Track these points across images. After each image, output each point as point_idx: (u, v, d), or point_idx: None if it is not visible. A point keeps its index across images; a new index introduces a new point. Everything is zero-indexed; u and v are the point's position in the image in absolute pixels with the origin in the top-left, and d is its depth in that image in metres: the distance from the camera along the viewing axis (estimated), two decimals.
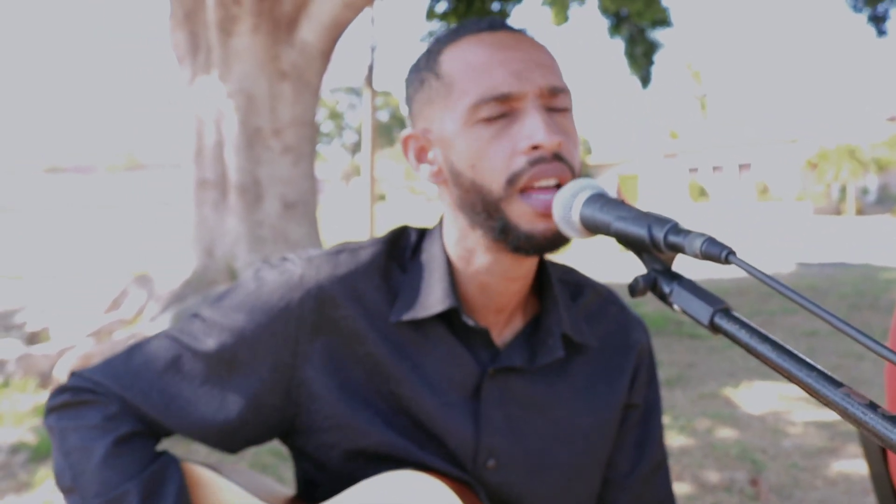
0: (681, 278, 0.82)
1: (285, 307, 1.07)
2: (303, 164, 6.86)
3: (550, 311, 1.14)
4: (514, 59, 1.01)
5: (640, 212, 0.86)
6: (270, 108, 6.60)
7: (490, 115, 0.99)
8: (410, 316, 1.07)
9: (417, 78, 1.08)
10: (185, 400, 1.07)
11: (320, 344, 1.07)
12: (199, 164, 6.75)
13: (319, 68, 6.82)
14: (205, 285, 6.38)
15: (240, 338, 1.07)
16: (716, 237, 0.75)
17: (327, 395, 1.07)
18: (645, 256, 0.85)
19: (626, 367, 1.21)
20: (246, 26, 6.38)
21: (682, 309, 0.79)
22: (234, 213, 6.58)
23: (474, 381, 1.10)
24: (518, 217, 1.00)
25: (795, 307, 9.14)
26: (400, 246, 1.15)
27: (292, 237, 6.72)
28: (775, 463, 4.25)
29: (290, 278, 1.09)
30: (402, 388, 1.08)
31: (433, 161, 1.07)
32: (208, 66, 6.66)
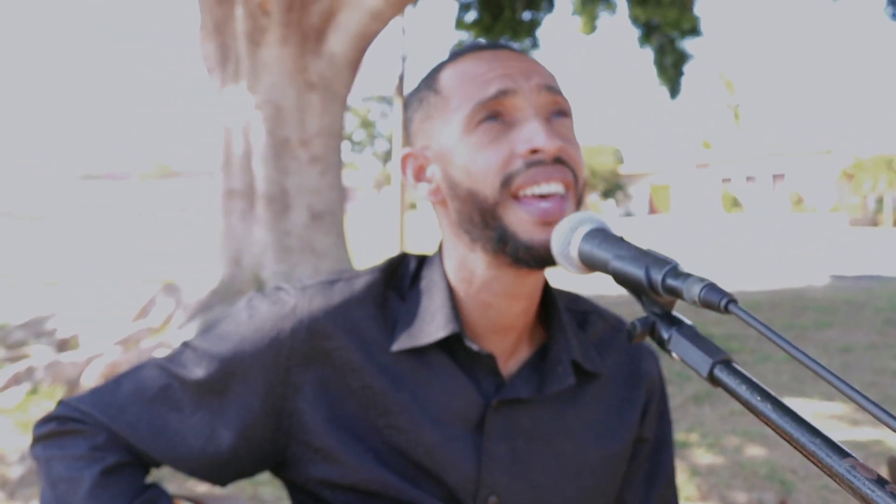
0: (680, 324, 0.78)
1: (276, 337, 1.05)
2: (330, 175, 6.87)
3: (558, 338, 1.10)
4: (509, 66, 1.01)
5: (639, 251, 0.81)
6: (298, 119, 6.61)
7: (487, 117, 0.98)
8: (410, 344, 1.04)
9: (416, 98, 1.08)
10: (173, 431, 1.05)
11: (312, 375, 1.05)
12: (227, 174, 6.78)
13: (347, 79, 6.82)
14: (231, 295, 6.40)
15: (230, 367, 1.05)
16: (716, 283, 0.71)
17: (318, 427, 1.04)
18: (643, 298, 0.80)
19: (636, 399, 1.17)
20: (274, 37, 6.40)
21: (681, 358, 0.75)
22: (261, 222, 6.59)
23: (477, 413, 1.06)
24: (516, 225, 0.97)
25: (830, 321, 8.97)
26: (398, 274, 1.13)
27: (319, 247, 6.72)
28: (805, 484, 4.16)
29: (283, 308, 1.07)
30: (400, 421, 1.04)
31: (431, 178, 1.06)
32: (237, 76, 6.69)
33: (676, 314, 0.79)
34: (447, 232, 1.08)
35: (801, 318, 9.22)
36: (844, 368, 6.79)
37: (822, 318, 9.27)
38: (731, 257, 18.91)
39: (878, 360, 7.03)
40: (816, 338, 8.10)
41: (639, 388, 1.18)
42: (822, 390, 6.06)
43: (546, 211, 0.96)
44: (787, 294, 11.63)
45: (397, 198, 19.76)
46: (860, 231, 30.77)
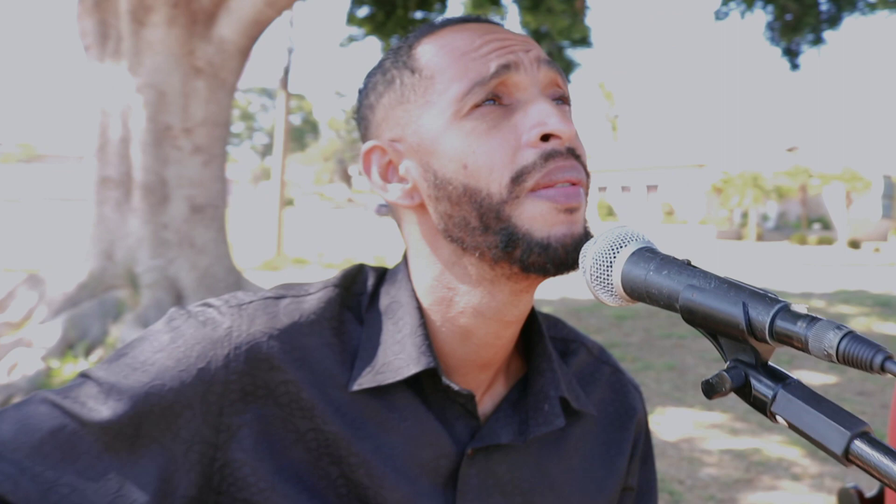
0: (786, 379, 0.60)
1: (206, 368, 0.82)
2: (213, 166, 6.55)
3: (544, 370, 0.92)
4: (504, 37, 0.84)
5: (723, 280, 0.63)
6: (182, 106, 6.26)
7: (485, 99, 0.81)
8: (374, 382, 0.84)
9: (382, 80, 0.88)
10: (68, 488, 0.78)
11: (251, 416, 0.83)
12: (101, 160, 6.35)
13: (236, 67, 6.52)
14: (101, 289, 6.00)
15: (145, 407, 0.80)
16: (855, 331, 0.54)
17: (259, 481, 0.82)
18: (724, 341, 0.63)
19: (624, 441, 1.01)
20: (160, 17, 6.04)
21: (793, 425, 0.58)
22: (137, 213, 6.21)
23: (449, 463, 0.87)
24: (530, 221, 0.79)
25: None
26: (354, 292, 0.92)
27: (199, 242, 6.39)
28: (692, 494, 4.20)
29: (215, 331, 0.84)
30: (359, 475, 0.84)
31: (405, 177, 0.86)
32: (118, 56, 6.28)
33: (775, 366, 0.61)
34: (420, 242, 0.88)
35: (678, 328, 9.46)
36: None
37: None
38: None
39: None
40: (693, 347, 8.32)
41: (627, 428, 1.02)
42: (702, 400, 6.19)
43: (567, 194, 0.79)
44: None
45: (276, 193, 19.34)
46: (726, 244, 32.22)
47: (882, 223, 37.34)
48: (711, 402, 6.14)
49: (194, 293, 6.13)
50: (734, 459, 4.79)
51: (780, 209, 40.65)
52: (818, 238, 33.50)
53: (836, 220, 37.65)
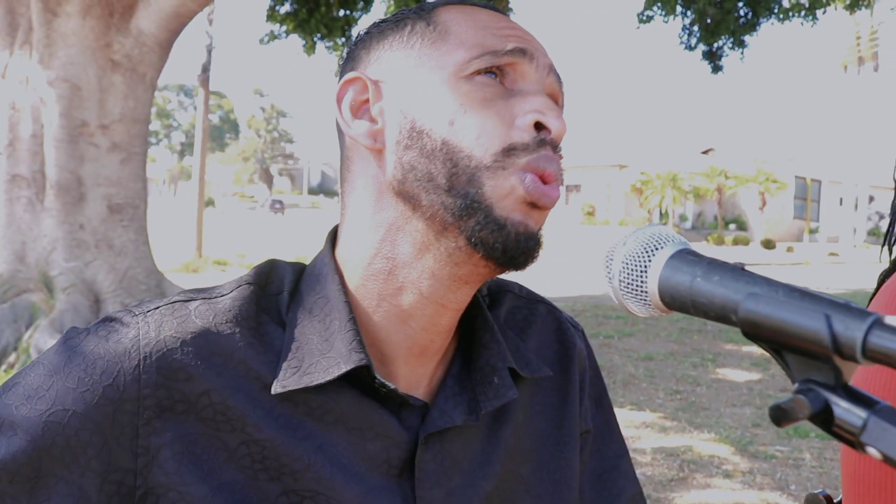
0: (876, 405, 0.50)
1: (113, 384, 0.72)
2: (132, 164, 6.29)
3: (488, 342, 0.86)
4: (525, 33, 0.81)
5: (794, 289, 0.55)
6: (98, 101, 6.00)
7: (489, 69, 0.77)
8: (301, 384, 0.75)
9: (392, 22, 0.83)
10: None
11: (171, 435, 0.73)
12: (11, 158, 6.04)
13: (156, 61, 6.28)
14: (13, 294, 5.70)
15: (44, 439, 0.70)
16: None
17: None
18: (792, 358, 0.55)
19: (570, 386, 0.94)
20: (74, 7, 5.76)
21: (888, 457, 0.49)
22: (51, 214, 5.92)
23: (402, 453, 0.80)
24: (496, 193, 0.74)
25: (631, 330, 9.38)
26: (270, 291, 0.83)
27: (117, 243, 6.13)
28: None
29: (119, 343, 0.74)
30: (304, 482, 0.75)
31: (375, 119, 0.79)
32: (28, 48, 5.97)
33: (856, 388, 0.52)
34: (368, 199, 0.81)
35: (604, 327, 9.56)
36: (650, 376, 7.06)
37: (624, 327, 9.67)
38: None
39: (679, 367, 7.38)
40: (620, 346, 8.41)
41: (570, 370, 0.95)
42: (631, 399, 6.24)
43: (541, 191, 0.74)
44: (586, 302, 12.08)
45: (196, 193, 18.90)
46: None
47: (794, 223, 38.69)
48: (641, 401, 6.19)
49: (113, 296, 5.88)
50: (667, 458, 4.81)
51: (697, 209, 41.73)
52: (734, 238, 34.53)
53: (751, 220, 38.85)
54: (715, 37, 10.82)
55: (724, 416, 5.81)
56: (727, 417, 5.79)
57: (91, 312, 5.75)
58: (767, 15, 10.89)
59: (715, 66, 11.05)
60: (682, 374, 7.12)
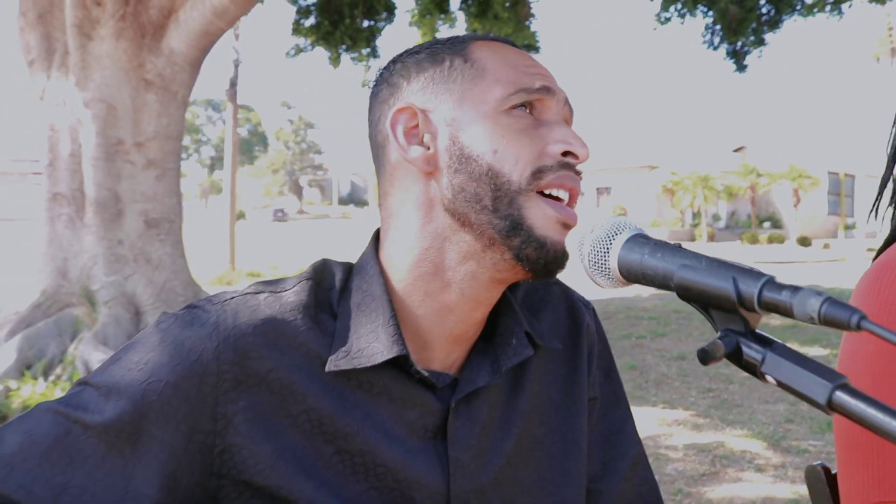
0: (774, 344, 0.66)
1: (198, 361, 0.87)
2: (167, 180, 6.46)
3: (506, 312, 1.01)
4: (546, 71, 0.97)
5: (713, 259, 0.71)
6: (133, 120, 6.17)
7: (522, 105, 0.92)
8: (350, 365, 0.90)
9: (430, 57, 0.96)
10: (79, 489, 0.84)
11: (244, 404, 0.88)
12: (51, 177, 6.23)
13: (187, 79, 6.45)
14: (57, 308, 5.87)
15: (143, 404, 0.86)
16: (833, 296, 0.61)
17: (258, 463, 0.88)
18: (716, 314, 0.70)
19: (580, 357, 1.08)
20: (108, 30, 5.94)
21: (782, 383, 0.64)
22: (91, 230, 6.10)
23: (436, 420, 0.95)
24: (534, 217, 0.89)
25: (664, 330, 9.38)
26: (324, 287, 0.97)
27: (155, 257, 6.30)
28: (661, 490, 4.25)
29: (202, 328, 0.89)
30: (354, 443, 0.90)
31: (427, 144, 0.93)
32: (64, 71, 6.17)
33: (762, 332, 0.68)
34: (417, 213, 0.94)
35: (636, 328, 9.58)
36: (682, 375, 7.08)
37: (657, 327, 9.68)
38: None
39: (712, 366, 7.37)
40: (653, 346, 8.43)
41: (580, 344, 1.09)
42: (664, 398, 6.27)
43: (569, 213, 0.90)
44: (619, 304, 12.10)
45: (227, 206, 19.16)
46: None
47: (829, 219, 38.18)
48: (673, 399, 6.22)
49: (152, 308, 6.04)
50: (699, 454, 4.86)
51: (730, 209, 41.34)
52: (769, 236, 34.14)
53: (785, 217, 38.42)
54: (738, 35, 10.78)
55: (756, 413, 5.82)
56: (760, 414, 5.80)
57: (132, 324, 5.92)
58: (790, 12, 10.83)
59: (739, 64, 10.99)
60: (715, 372, 7.14)
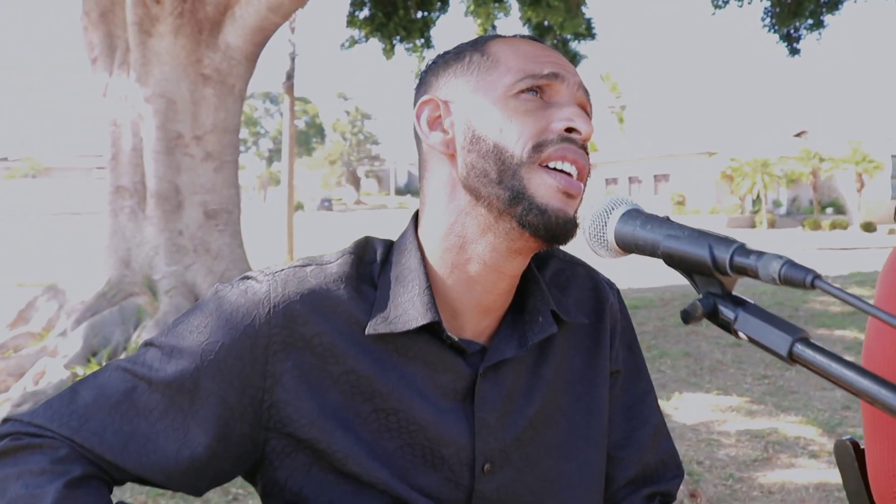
0: (746, 304, 0.74)
1: (251, 325, 0.98)
2: (225, 172, 6.63)
3: (534, 291, 1.09)
4: (560, 59, 1.04)
5: (694, 230, 0.79)
6: (192, 114, 6.35)
7: (531, 88, 0.99)
8: (387, 329, 0.99)
9: (454, 55, 1.06)
10: (144, 437, 0.96)
11: (292, 363, 0.99)
12: (114, 171, 6.45)
13: (244, 73, 6.59)
14: (121, 297, 6.08)
15: (202, 362, 0.97)
16: (794, 259, 0.68)
17: (301, 418, 0.98)
18: (698, 279, 0.78)
19: (602, 333, 1.16)
20: (167, 27, 6.12)
21: (751, 338, 0.72)
22: (152, 222, 6.30)
23: (465, 384, 1.03)
24: (536, 186, 0.96)
25: None
26: (366, 261, 1.07)
27: (214, 247, 6.47)
28: (711, 474, 4.25)
29: (255, 295, 1.00)
30: (390, 403, 1.00)
31: (447, 130, 1.03)
32: (126, 67, 6.37)
33: (737, 295, 0.76)
34: (443, 192, 1.04)
35: None
36: (737, 362, 7.02)
37: None
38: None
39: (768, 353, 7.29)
40: (708, 334, 8.36)
41: (603, 321, 1.17)
42: (718, 384, 6.24)
43: (569, 182, 0.96)
44: (676, 292, 12.00)
45: (285, 198, 19.43)
46: (738, 232, 32.16)
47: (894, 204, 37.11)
48: (728, 385, 6.18)
49: None
50: (751, 440, 4.83)
51: (791, 195, 40.48)
52: (831, 222, 33.37)
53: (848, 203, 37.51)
54: (796, 18, 10.56)
55: (812, 400, 5.76)
56: (816, 401, 5.73)
57: None
58: None
59: (792, 48, 10.77)
60: (771, 359, 7.05)
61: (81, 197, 45.82)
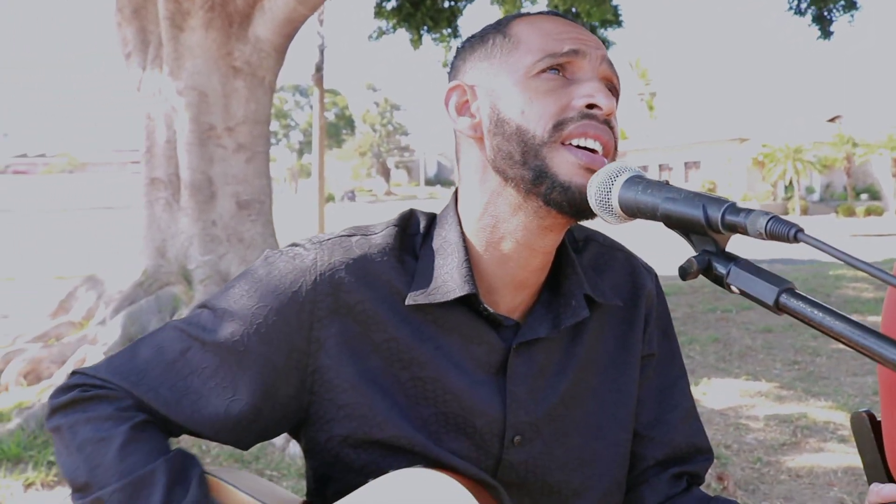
0: (737, 259, 0.80)
1: (298, 291, 1.03)
2: (257, 162, 6.72)
3: (570, 274, 1.12)
4: (582, 33, 1.05)
5: (690, 192, 0.85)
6: (223, 106, 6.44)
7: (551, 68, 1.01)
8: (427, 300, 1.04)
9: (479, 38, 1.10)
10: (196, 394, 1.03)
11: (336, 329, 1.04)
12: (149, 163, 6.57)
13: (273, 65, 6.68)
14: (157, 287, 6.21)
15: (251, 325, 1.03)
16: (778, 215, 0.73)
17: (342, 383, 1.04)
18: (694, 238, 0.83)
19: (637, 317, 1.19)
20: (198, 21, 6.22)
21: (742, 290, 0.78)
22: (186, 212, 6.41)
23: (499, 357, 1.08)
24: (558, 165, 0.99)
25: (749, 304, 9.23)
26: (409, 233, 1.12)
27: (247, 237, 6.57)
28: (739, 458, 4.28)
29: (302, 262, 1.05)
30: (427, 371, 1.05)
31: (475, 114, 1.06)
32: (159, 62, 6.48)
33: (729, 251, 0.82)
34: (476, 174, 1.08)
35: (721, 302, 9.48)
36: (767, 348, 7.01)
37: (742, 301, 9.54)
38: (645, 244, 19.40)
39: (798, 339, 7.28)
40: (738, 320, 8.34)
41: (638, 305, 1.20)
42: (747, 370, 6.24)
43: (592, 158, 0.99)
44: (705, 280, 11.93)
45: (316, 190, 19.56)
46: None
47: None
48: (757, 371, 6.18)
49: None
50: (780, 425, 4.84)
51: (825, 181, 39.93)
52: (866, 209, 32.88)
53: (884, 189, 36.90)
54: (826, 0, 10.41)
55: (843, 385, 5.74)
56: (847, 386, 5.72)
57: None
58: None
59: (825, 31, 10.58)
60: (802, 345, 7.04)
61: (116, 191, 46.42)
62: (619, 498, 1.18)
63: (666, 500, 1.19)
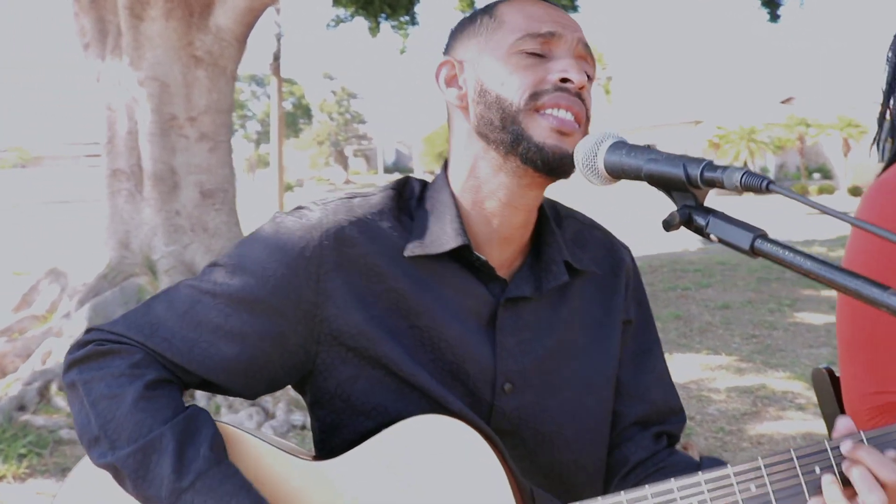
0: (714, 211, 0.89)
1: (306, 246, 1.11)
2: (219, 152, 6.72)
3: (550, 242, 1.23)
4: (562, 17, 1.16)
5: (670, 154, 0.93)
6: (185, 96, 6.42)
7: (531, 49, 1.12)
8: (423, 251, 1.14)
9: (469, 19, 1.21)
10: (207, 342, 1.09)
11: (341, 281, 1.12)
12: (110, 154, 6.52)
13: (234, 54, 6.66)
14: (122, 278, 6.19)
15: (261, 279, 1.11)
16: (751, 170, 0.82)
17: (350, 329, 1.12)
18: (675, 195, 0.92)
19: (617, 286, 1.30)
20: (158, 11, 6.18)
21: (720, 238, 0.86)
22: (149, 203, 6.39)
23: (489, 310, 1.18)
24: (533, 129, 1.10)
25: (708, 282, 9.46)
26: (405, 196, 1.23)
27: (211, 226, 6.57)
28: (703, 428, 4.42)
29: (309, 221, 1.14)
30: (425, 320, 1.14)
31: (461, 86, 1.18)
32: (118, 52, 6.43)
33: (708, 206, 0.91)
34: (462, 140, 1.20)
35: (681, 280, 9.68)
36: (726, 323, 7.19)
37: (701, 279, 9.76)
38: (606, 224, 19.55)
39: (756, 314, 7.49)
40: (697, 297, 8.53)
41: (618, 276, 1.31)
42: (708, 345, 6.41)
43: (563, 121, 1.10)
44: (665, 258, 12.17)
45: (275, 179, 19.48)
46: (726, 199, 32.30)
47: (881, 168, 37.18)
48: (717, 346, 6.35)
49: None
50: (740, 395, 5.01)
51: (779, 161, 40.64)
52: (819, 187, 33.60)
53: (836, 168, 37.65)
54: None
55: (800, 357, 5.93)
56: (804, 358, 5.91)
57: None
58: None
59: (773, 14, 10.71)
60: (759, 319, 7.24)
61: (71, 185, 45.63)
62: (604, 452, 1.27)
63: (651, 457, 1.28)
